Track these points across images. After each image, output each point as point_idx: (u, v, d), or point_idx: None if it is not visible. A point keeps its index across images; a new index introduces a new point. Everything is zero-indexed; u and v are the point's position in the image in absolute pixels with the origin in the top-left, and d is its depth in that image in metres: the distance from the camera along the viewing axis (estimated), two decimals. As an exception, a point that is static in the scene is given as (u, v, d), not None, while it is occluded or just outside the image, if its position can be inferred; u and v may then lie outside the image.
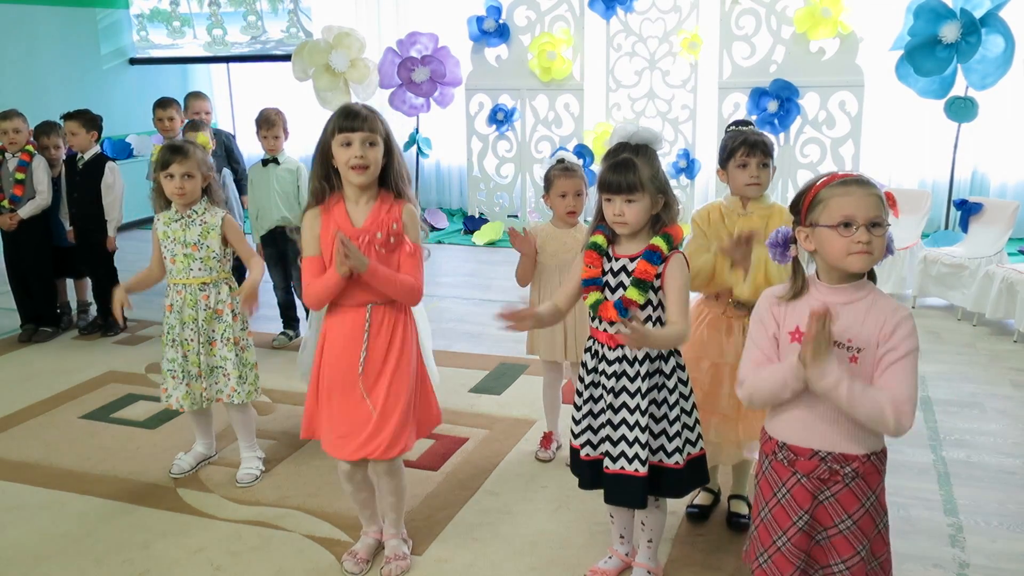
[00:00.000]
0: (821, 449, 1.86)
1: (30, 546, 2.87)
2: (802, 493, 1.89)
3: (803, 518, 1.89)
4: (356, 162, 2.38)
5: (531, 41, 7.41)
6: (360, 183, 2.42)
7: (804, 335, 1.78)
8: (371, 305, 2.48)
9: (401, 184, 2.50)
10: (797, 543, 1.90)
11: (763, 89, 6.73)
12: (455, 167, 8.86)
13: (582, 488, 2.49)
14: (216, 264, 3.16)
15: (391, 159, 2.47)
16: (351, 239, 2.39)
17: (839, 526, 1.87)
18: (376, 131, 2.40)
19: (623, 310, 2.28)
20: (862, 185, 1.80)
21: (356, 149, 2.37)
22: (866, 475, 1.86)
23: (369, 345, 2.48)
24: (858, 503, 1.86)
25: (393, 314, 2.51)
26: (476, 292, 5.93)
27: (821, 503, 1.88)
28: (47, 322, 5.18)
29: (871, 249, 1.77)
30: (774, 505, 1.93)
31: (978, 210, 5.41)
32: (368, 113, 2.42)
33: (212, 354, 3.18)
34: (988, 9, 5.64)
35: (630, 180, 2.22)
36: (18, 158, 4.93)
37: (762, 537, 1.97)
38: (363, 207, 2.47)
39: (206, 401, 3.23)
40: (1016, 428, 3.63)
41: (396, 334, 2.51)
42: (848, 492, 1.86)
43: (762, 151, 2.60)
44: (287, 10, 8.51)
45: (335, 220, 2.45)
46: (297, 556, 2.78)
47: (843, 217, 1.77)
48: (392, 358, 2.50)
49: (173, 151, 3.08)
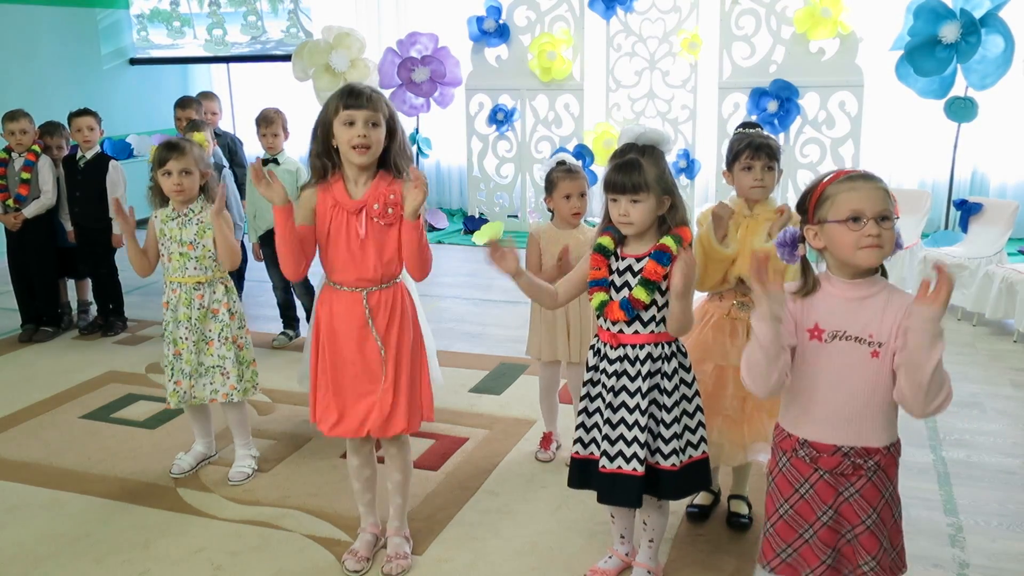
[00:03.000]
0: (844, 444, 1.86)
1: (30, 546, 2.87)
2: (825, 489, 1.89)
3: (827, 513, 1.89)
4: (359, 141, 2.36)
5: (531, 41, 7.42)
6: (361, 163, 2.41)
7: (754, 269, 1.79)
8: (366, 291, 2.48)
9: (402, 163, 2.48)
10: (823, 537, 1.90)
11: (763, 89, 6.73)
12: (455, 167, 8.85)
13: (571, 487, 2.49)
14: (211, 263, 3.16)
15: (393, 140, 2.46)
16: (350, 213, 2.40)
17: (865, 522, 1.88)
18: (379, 111, 2.39)
19: (630, 309, 2.28)
20: (868, 179, 1.81)
21: (359, 128, 2.36)
22: (886, 467, 1.88)
23: (375, 328, 2.49)
24: (879, 495, 1.88)
25: (390, 298, 2.51)
26: (476, 292, 5.93)
27: (846, 500, 1.88)
28: (48, 322, 5.18)
29: (881, 242, 1.77)
30: (796, 501, 1.92)
31: (978, 210, 5.41)
32: (372, 93, 2.41)
33: (209, 353, 3.18)
34: (988, 9, 5.64)
35: (635, 180, 2.22)
36: (24, 158, 4.93)
37: (783, 533, 1.95)
38: (362, 186, 2.46)
39: (193, 399, 3.23)
40: (1016, 428, 3.64)
41: (395, 317, 2.51)
42: (871, 486, 1.87)
43: (767, 154, 2.60)
44: (287, 10, 8.52)
45: (333, 196, 2.45)
46: (297, 556, 2.77)
47: (852, 212, 1.78)
48: (393, 339, 2.51)
49: (170, 148, 3.09)
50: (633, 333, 2.32)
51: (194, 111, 5.30)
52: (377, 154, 2.44)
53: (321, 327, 2.55)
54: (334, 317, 2.51)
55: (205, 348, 3.19)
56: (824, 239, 1.84)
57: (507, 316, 5.35)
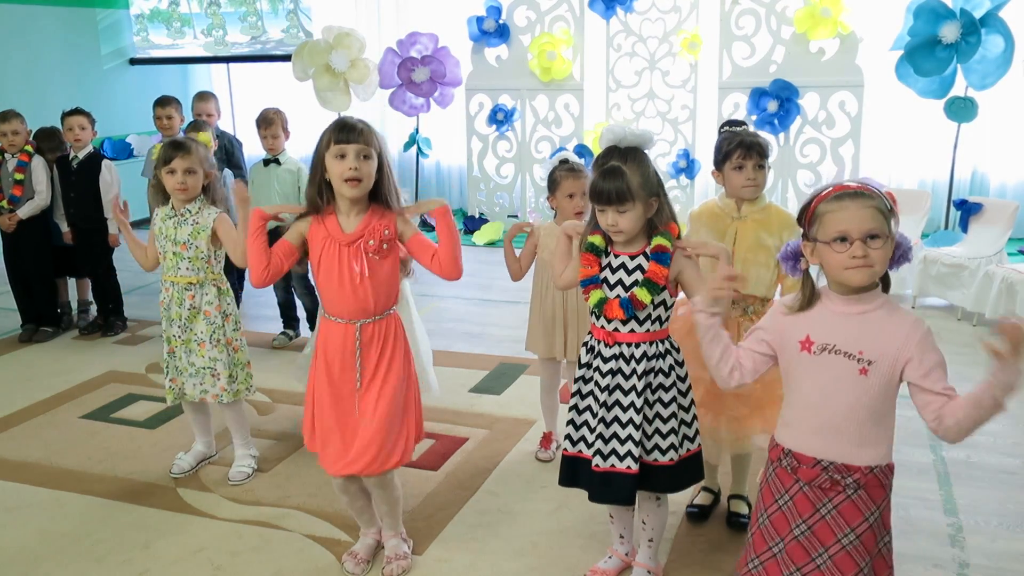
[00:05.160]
0: (824, 458, 1.85)
1: (30, 546, 2.87)
2: (804, 502, 1.87)
3: (801, 527, 1.86)
4: (350, 174, 2.36)
5: (531, 41, 7.42)
6: (352, 196, 2.40)
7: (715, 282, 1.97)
8: (360, 323, 2.47)
9: (392, 200, 2.48)
10: (791, 553, 1.87)
11: (763, 89, 6.73)
12: (455, 167, 8.85)
13: (561, 484, 2.49)
14: (203, 265, 3.16)
15: (382, 176, 2.45)
16: (342, 245, 2.41)
17: (842, 541, 1.83)
18: (371, 144, 2.39)
19: (630, 309, 2.28)
20: (856, 198, 1.76)
21: (350, 161, 2.36)
22: (869, 488, 1.83)
23: (362, 362, 2.48)
24: (861, 516, 1.83)
25: (383, 330, 2.50)
26: (476, 292, 5.93)
27: (823, 517, 1.85)
28: (47, 322, 5.18)
29: (869, 262, 1.74)
30: (774, 512, 1.92)
31: (978, 210, 5.41)
32: (363, 127, 2.41)
33: (200, 354, 3.19)
34: (988, 9, 5.64)
35: (620, 190, 2.19)
36: (17, 159, 4.93)
37: (756, 543, 1.94)
38: (354, 219, 2.46)
39: (184, 396, 3.24)
40: (1016, 428, 3.64)
41: (386, 350, 2.50)
42: (850, 504, 1.83)
43: (758, 153, 2.60)
44: (287, 10, 8.52)
45: (326, 228, 2.45)
46: (297, 556, 2.78)
47: (837, 233, 1.75)
48: (381, 374, 2.49)
49: (176, 147, 3.09)
50: (629, 332, 2.32)
51: (174, 109, 5.23)
52: (368, 187, 2.43)
53: (318, 357, 2.54)
54: (328, 350, 2.50)
55: (196, 349, 3.19)
56: (817, 256, 1.83)
57: (507, 316, 5.35)
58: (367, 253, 2.43)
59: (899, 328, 1.78)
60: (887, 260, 1.78)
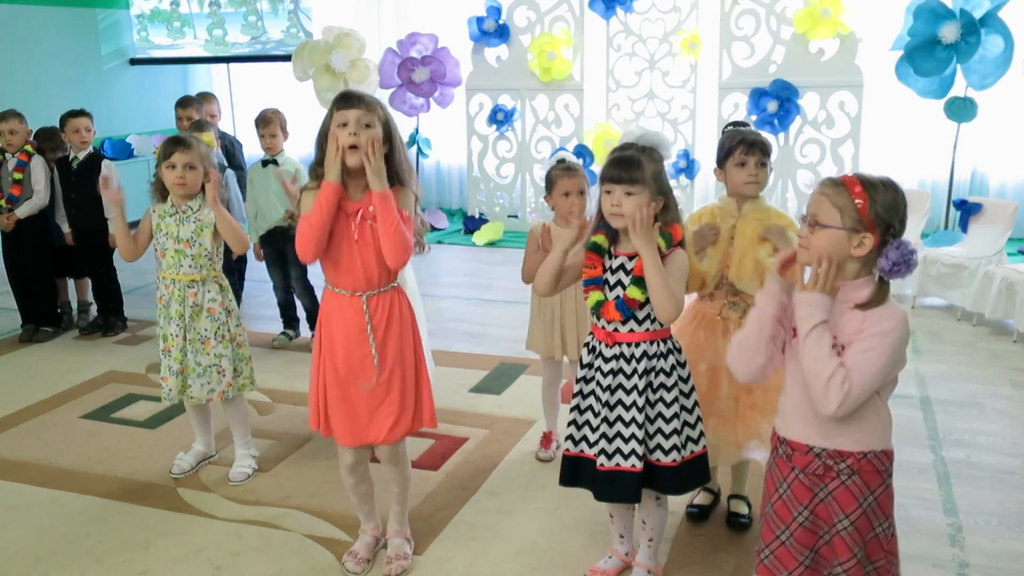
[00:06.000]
0: (816, 445, 1.88)
1: (30, 546, 2.87)
2: (801, 489, 1.91)
3: (803, 513, 1.90)
4: (350, 140, 2.35)
5: (531, 41, 7.42)
6: (353, 164, 2.38)
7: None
8: (366, 295, 2.48)
9: (403, 175, 2.47)
10: (800, 538, 1.91)
11: (763, 89, 6.73)
12: (455, 167, 8.86)
13: (561, 484, 2.49)
14: (207, 262, 3.16)
15: (392, 149, 2.44)
16: (348, 214, 2.40)
17: (837, 526, 1.88)
18: (373, 112, 2.38)
19: (625, 309, 2.29)
20: (820, 184, 1.86)
21: (351, 128, 2.35)
22: (863, 474, 1.86)
23: (374, 333, 2.48)
24: (855, 503, 1.86)
25: (388, 301, 2.51)
26: (476, 292, 5.93)
27: (822, 501, 1.89)
28: (48, 322, 5.18)
29: (805, 244, 1.84)
30: (776, 500, 1.95)
31: (978, 210, 5.41)
32: (367, 96, 2.41)
33: (206, 352, 3.19)
34: (988, 9, 5.65)
35: (632, 173, 2.23)
36: (16, 158, 4.92)
37: (765, 533, 1.98)
38: (360, 191, 2.45)
39: (190, 398, 3.23)
40: (1016, 428, 3.64)
41: (393, 320, 2.51)
42: (845, 491, 1.86)
43: (760, 150, 2.61)
44: (287, 10, 8.52)
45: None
46: (297, 556, 2.78)
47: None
48: (391, 344, 2.51)
49: (175, 142, 3.10)
50: (628, 332, 2.32)
51: (195, 110, 5.31)
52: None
53: (322, 332, 2.55)
54: (333, 323, 2.51)
55: (201, 347, 3.18)
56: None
57: (507, 316, 5.35)
58: (366, 219, 2.42)
59: (870, 315, 1.80)
60: (831, 250, 1.79)
